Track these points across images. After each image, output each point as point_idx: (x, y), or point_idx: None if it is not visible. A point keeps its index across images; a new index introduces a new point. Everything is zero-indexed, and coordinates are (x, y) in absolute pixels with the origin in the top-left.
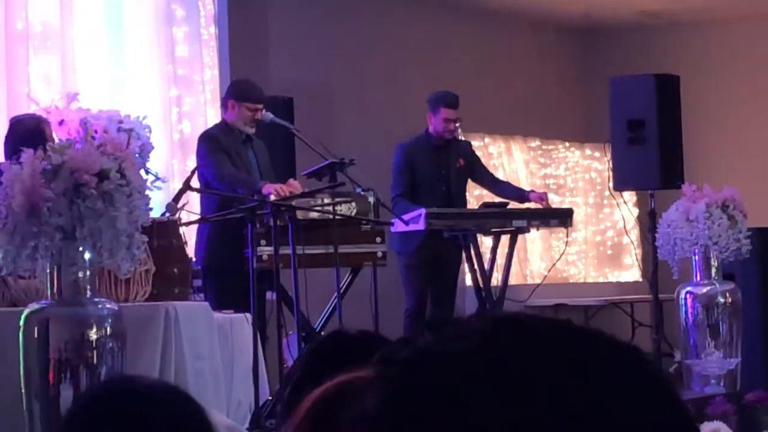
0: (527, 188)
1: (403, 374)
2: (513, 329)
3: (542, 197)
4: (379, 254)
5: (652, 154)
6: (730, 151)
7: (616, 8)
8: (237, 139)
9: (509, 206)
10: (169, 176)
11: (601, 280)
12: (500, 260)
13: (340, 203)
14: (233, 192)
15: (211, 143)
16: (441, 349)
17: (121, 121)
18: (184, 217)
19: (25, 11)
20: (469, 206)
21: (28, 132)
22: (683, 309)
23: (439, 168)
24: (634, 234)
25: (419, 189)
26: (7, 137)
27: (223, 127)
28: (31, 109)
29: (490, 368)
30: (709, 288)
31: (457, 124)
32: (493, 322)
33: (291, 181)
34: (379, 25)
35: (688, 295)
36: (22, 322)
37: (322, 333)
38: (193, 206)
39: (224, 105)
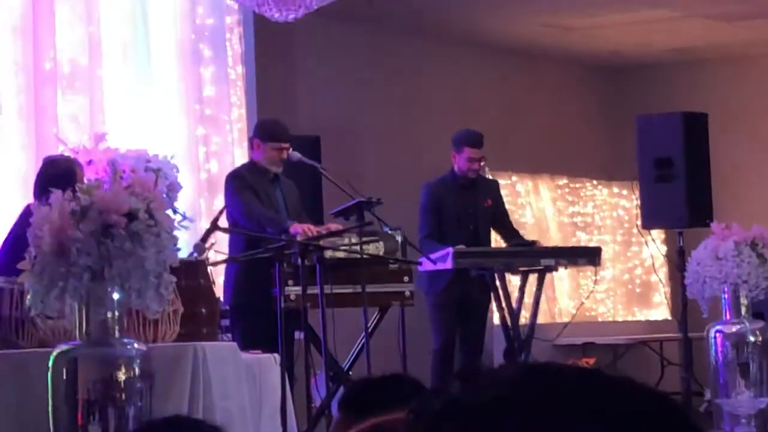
0: (555, 226)
1: (434, 425)
2: (541, 378)
3: None
4: (407, 294)
5: (680, 192)
6: (759, 188)
7: (644, 46)
8: (264, 179)
9: (537, 245)
10: (196, 216)
11: (629, 318)
12: (528, 299)
13: (367, 242)
14: (261, 231)
15: (238, 182)
16: (470, 400)
17: (148, 161)
18: (212, 256)
19: (54, 51)
20: (494, 245)
21: (60, 173)
22: (713, 348)
23: (466, 207)
24: (663, 272)
25: (447, 228)
26: (38, 177)
27: (250, 166)
28: (59, 150)
29: (519, 418)
30: (738, 327)
31: (482, 163)
32: (522, 371)
33: (330, 225)
34: (406, 63)
35: (717, 334)
36: (50, 363)
37: (350, 373)
38: (220, 246)
39: (251, 145)
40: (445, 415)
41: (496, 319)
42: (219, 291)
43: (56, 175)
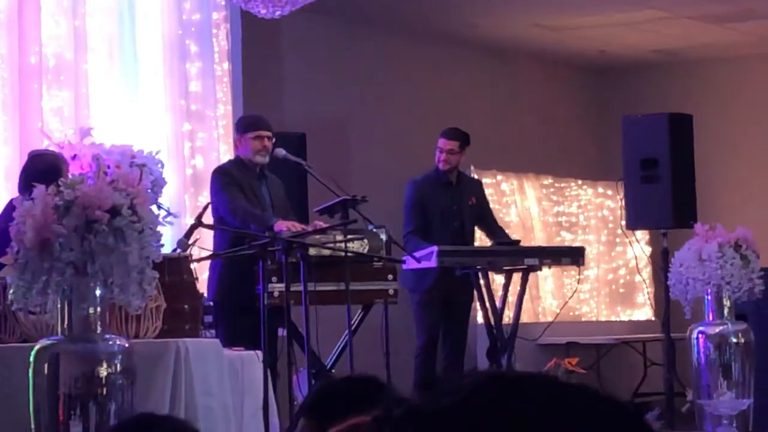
0: (539, 226)
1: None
2: (498, 386)
3: None
4: (391, 291)
5: (665, 193)
6: (744, 190)
7: (630, 46)
8: (251, 175)
9: (521, 244)
10: (181, 211)
11: (613, 318)
12: (512, 298)
13: (352, 240)
14: (245, 227)
15: (224, 178)
16: (429, 407)
17: (133, 156)
18: (196, 253)
19: (39, 45)
20: (478, 243)
21: (45, 168)
22: (695, 349)
23: (451, 204)
24: (647, 272)
25: (432, 226)
26: (23, 171)
27: (236, 162)
28: (44, 144)
29: (473, 424)
30: (721, 328)
31: (454, 157)
32: (481, 379)
33: (315, 222)
34: (393, 62)
35: (700, 335)
36: (32, 358)
37: (333, 370)
38: (204, 242)
39: (235, 144)
40: (405, 422)
41: (479, 317)
42: (203, 287)
43: (41, 169)
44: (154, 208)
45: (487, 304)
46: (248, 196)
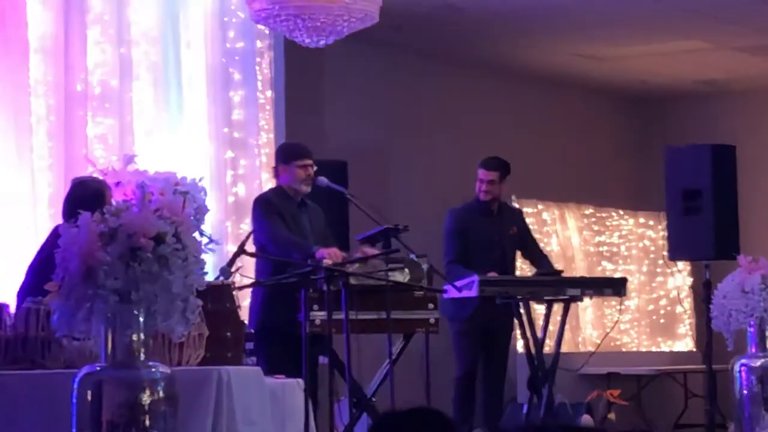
0: (580, 256)
1: None
2: None
3: None
4: (432, 321)
5: (707, 225)
6: None
7: (673, 77)
8: (291, 203)
9: (563, 274)
10: (223, 239)
11: (654, 349)
12: (553, 327)
13: (393, 269)
14: (287, 255)
15: (265, 206)
16: None
17: (177, 184)
18: (238, 280)
19: (85, 73)
20: (519, 272)
21: (89, 194)
22: (738, 381)
23: (491, 234)
24: (688, 303)
25: (472, 255)
26: (67, 198)
27: (277, 191)
28: (89, 171)
29: None
30: (764, 360)
31: (491, 187)
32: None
33: (365, 248)
34: (434, 90)
35: (743, 368)
36: (76, 385)
37: (374, 399)
38: (247, 270)
39: (276, 173)
40: None
41: (520, 347)
42: (244, 314)
43: (85, 196)
44: (197, 235)
45: (528, 334)
46: (289, 224)
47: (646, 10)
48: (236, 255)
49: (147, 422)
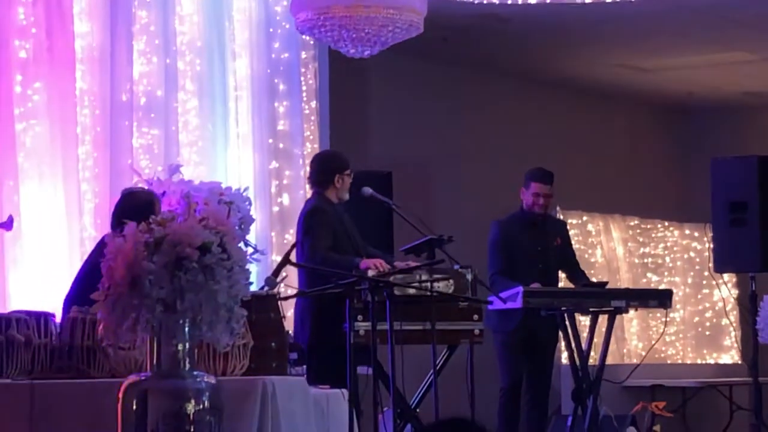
0: (625, 267)
1: None
2: None
3: None
4: (476, 332)
5: (753, 236)
6: None
7: (719, 88)
8: (338, 211)
9: (608, 286)
10: (267, 249)
11: (699, 361)
12: (597, 339)
13: (437, 280)
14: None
15: (320, 217)
16: None
17: (222, 194)
18: (283, 290)
19: (131, 83)
20: (561, 285)
21: (138, 205)
22: None
23: (536, 245)
24: (734, 315)
25: (517, 266)
26: (116, 208)
27: (324, 200)
28: (134, 181)
29: None
30: None
31: (549, 200)
32: None
33: (410, 261)
34: (479, 101)
35: None
36: (121, 394)
37: (417, 410)
38: (291, 280)
39: (324, 182)
40: None
41: (564, 359)
42: (289, 325)
43: (135, 207)
44: (241, 245)
45: (573, 346)
46: (338, 232)
47: (690, 22)
48: (281, 265)
49: None
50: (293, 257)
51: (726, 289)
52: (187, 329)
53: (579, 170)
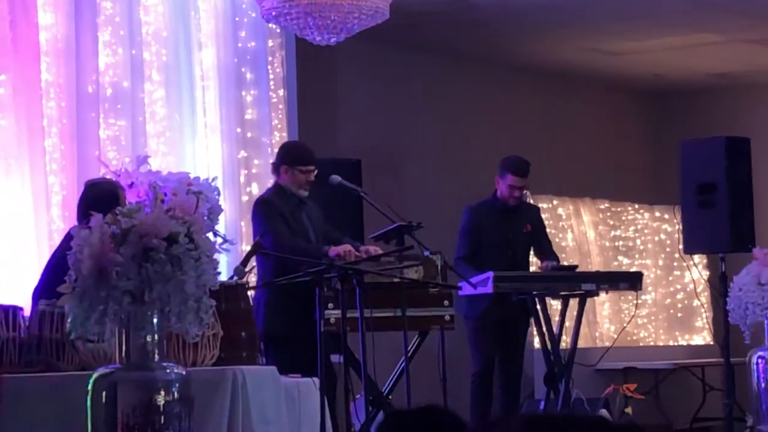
0: (596, 250)
1: None
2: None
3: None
4: (447, 317)
5: (722, 217)
6: None
7: (687, 70)
8: (291, 202)
9: (578, 269)
10: (236, 238)
11: (671, 343)
12: (569, 323)
13: (407, 267)
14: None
15: (267, 208)
16: None
17: (190, 184)
18: (252, 280)
19: (96, 74)
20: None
21: (102, 196)
22: (755, 373)
23: (506, 232)
24: (705, 297)
25: (485, 252)
26: (81, 200)
27: (277, 191)
28: (101, 172)
29: None
30: None
31: (525, 192)
32: (528, 423)
33: (369, 247)
34: (447, 87)
35: (759, 360)
36: (90, 386)
37: (390, 397)
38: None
39: (276, 170)
40: None
41: (536, 343)
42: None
43: (98, 198)
44: (210, 235)
45: (544, 330)
46: (291, 225)
47: (659, 4)
48: (250, 254)
49: (162, 423)
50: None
51: (696, 271)
52: (155, 320)
53: (548, 154)
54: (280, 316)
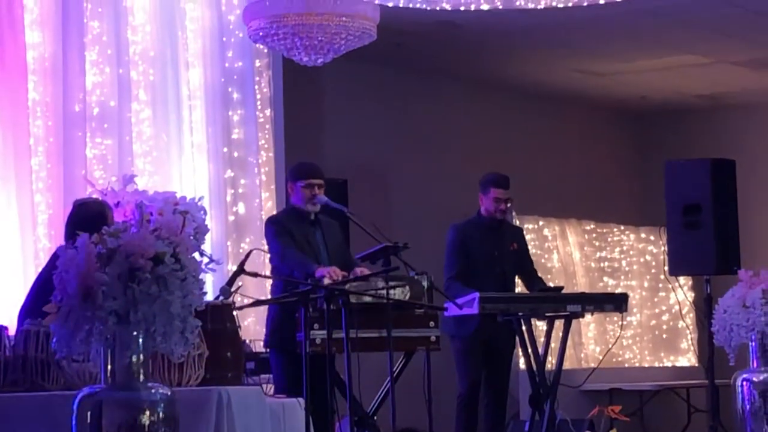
0: (582, 271)
1: None
2: None
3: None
4: (433, 338)
5: (708, 239)
6: None
7: (672, 92)
8: (304, 222)
9: (564, 290)
10: (223, 258)
11: (656, 364)
12: (554, 344)
13: (393, 287)
14: (291, 273)
15: (275, 227)
16: None
17: (176, 203)
18: (238, 300)
19: (83, 93)
20: (518, 290)
21: (90, 216)
22: (740, 396)
23: (493, 249)
24: (690, 318)
25: (474, 270)
26: (68, 220)
27: (288, 210)
28: (88, 192)
29: None
30: (766, 375)
31: (509, 204)
32: None
33: (356, 269)
34: (434, 107)
35: (745, 382)
36: (75, 406)
37: (375, 417)
38: (247, 289)
39: (287, 191)
40: None
41: (522, 364)
42: (245, 334)
43: (87, 217)
44: (197, 255)
45: (530, 351)
46: (300, 243)
47: (644, 26)
48: (236, 274)
49: None
50: (248, 266)
51: (682, 292)
52: (141, 340)
53: (535, 175)
54: (285, 332)
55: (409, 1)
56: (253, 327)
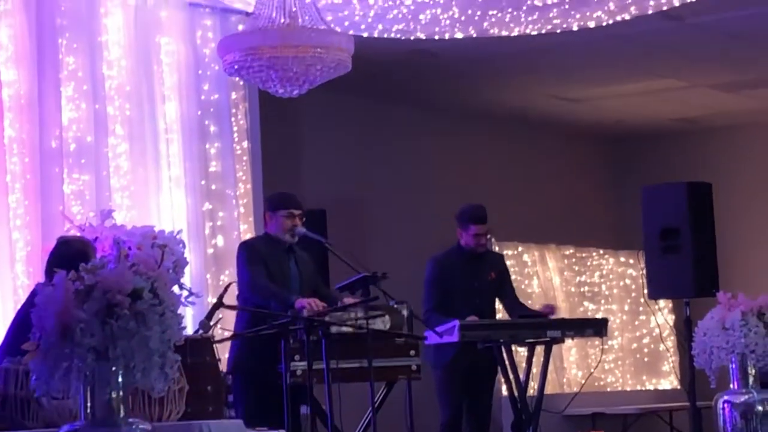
0: (562, 296)
1: None
2: None
3: (550, 308)
4: (414, 367)
5: (686, 263)
6: (765, 257)
7: (648, 116)
8: (278, 250)
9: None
10: (202, 291)
11: (638, 387)
12: (536, 369)
13: (373, 317)
14: (266, 305)
15: (248, 253)
16: None
17: (155, 237)
18: (218, 333)
19: (60, 129)
20: (498, 317)
21: (72, 253)
22: (722, 418)
23: (472, 281)
24: (671, 341)
25: (451, 301)
26: (50, 257)
27: (264, 237)
28: (65, 227)
29: None
30: (746, 397)
31: (489, 236)
32: None
33: (345, 297)
34: (410, 136)
35: (725, 404)
36: None
37: None
38: (226, 322)
39: (264, 220)
40: None
41: (504, 390)
42: (225, 367)
43: (68, 255)
44: (176, 288)
45: (511, 377)
46: (273, 271)
47: (619, 51)
48: (215, 308)
49: None
50: (227, 299)
51: (662, 316)
52: (120, 376)
53: (513, 201)
54: (253, 361)
55: (384, 30)
56: None
